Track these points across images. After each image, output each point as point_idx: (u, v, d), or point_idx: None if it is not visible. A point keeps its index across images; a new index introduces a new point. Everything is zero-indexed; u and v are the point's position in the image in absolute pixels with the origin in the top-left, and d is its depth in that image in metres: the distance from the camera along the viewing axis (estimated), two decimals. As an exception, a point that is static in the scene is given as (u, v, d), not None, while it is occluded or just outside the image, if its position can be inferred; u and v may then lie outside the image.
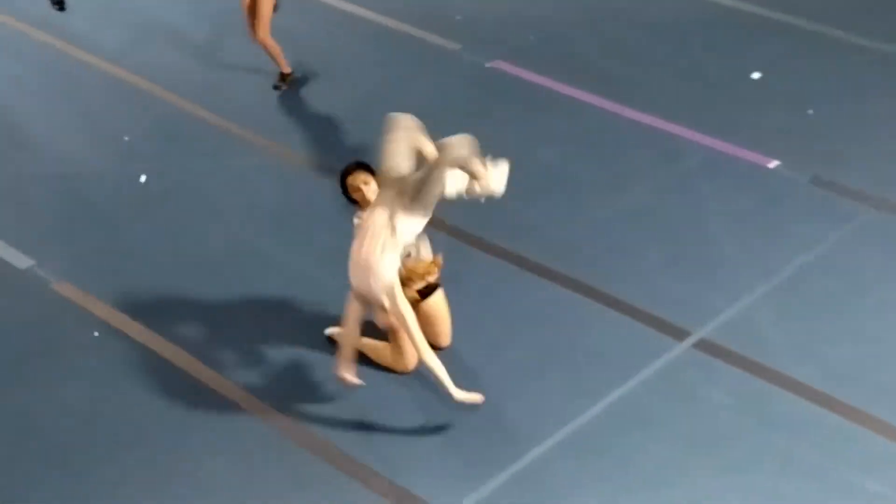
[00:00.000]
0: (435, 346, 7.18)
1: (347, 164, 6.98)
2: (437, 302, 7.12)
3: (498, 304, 7.64)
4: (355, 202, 6.94)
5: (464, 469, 6.50)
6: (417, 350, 6.52)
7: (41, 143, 9.46)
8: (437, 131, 7.17)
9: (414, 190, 6.41)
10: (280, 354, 7.28)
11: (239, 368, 7.17)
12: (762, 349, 7.25)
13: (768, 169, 9.01)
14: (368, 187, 6.83)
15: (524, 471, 6.48)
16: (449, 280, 7.16)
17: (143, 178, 8.95)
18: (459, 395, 6.55)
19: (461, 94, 10.04)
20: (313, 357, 7.26)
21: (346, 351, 6.73)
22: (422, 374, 7.09)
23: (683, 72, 10.40)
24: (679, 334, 7.38)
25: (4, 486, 6.42)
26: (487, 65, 10.48)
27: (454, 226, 7.14)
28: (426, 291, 7.06)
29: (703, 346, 7.30)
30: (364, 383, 6.80)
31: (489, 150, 8.30)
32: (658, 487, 6.38)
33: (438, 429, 6.75)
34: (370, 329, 7.23)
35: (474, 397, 6.63)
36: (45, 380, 7.14)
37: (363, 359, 7.12)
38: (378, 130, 6.86)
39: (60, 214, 8.63)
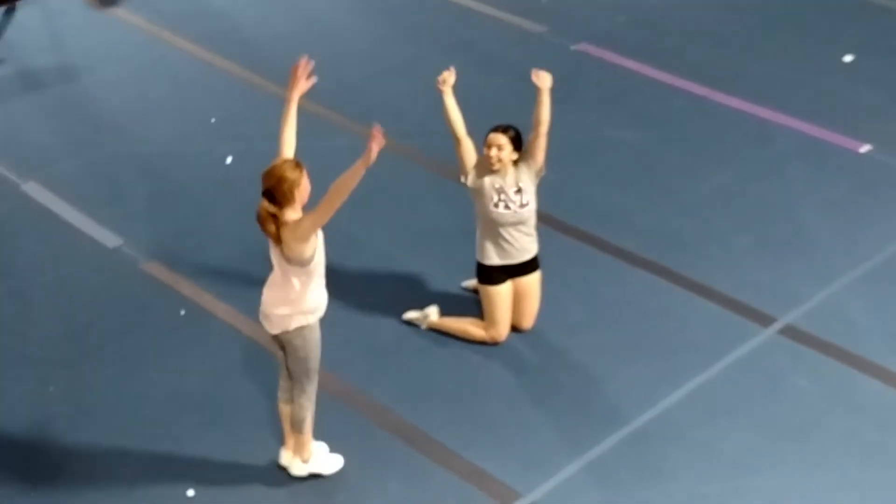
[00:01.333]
0: (517, 328, 7.18)
1: (501, 124, 6.92)
2: (533, 282, 7.12)
3: (582, 288, 7.59)
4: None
5: (544, 452, 6.47)
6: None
7: (131, 125, 9.60)
8: (520, 116, 7.14)
9: None
10: (362, 334, 7.32)
11: (323, 348, 7.21)
12: (851, 336, 7.12)
13: (860, 153, 8.84)
14: (501, 152, 6.82)
15: (604, 456, 6.44)
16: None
17: (229, 159, 9.04)
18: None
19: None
20: (396, 337, 7.28)
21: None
22: (506, 356, 7.09)
23: (774, 55, 10.24)
24: (765, 320, 7.27)
25: (94, 459, 6.54)
26: (573, 48, 10.40)
27: (540, 210, 7.11)
28: (525, 269, 7.06)
29: (790, 332, 7.18)
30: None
31: (571, 135, 8.29)
32: (740, 475, 6.29)
33: (520, 411, 6.74)
34: (453, 307, 7.25)
35: None
36: (133, 357, 7.25)
37: (459, 340, 7.20)
38: (463, 111, 6.88)
39: (149, 194, 8.75)
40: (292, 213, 5.87)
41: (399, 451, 6.53)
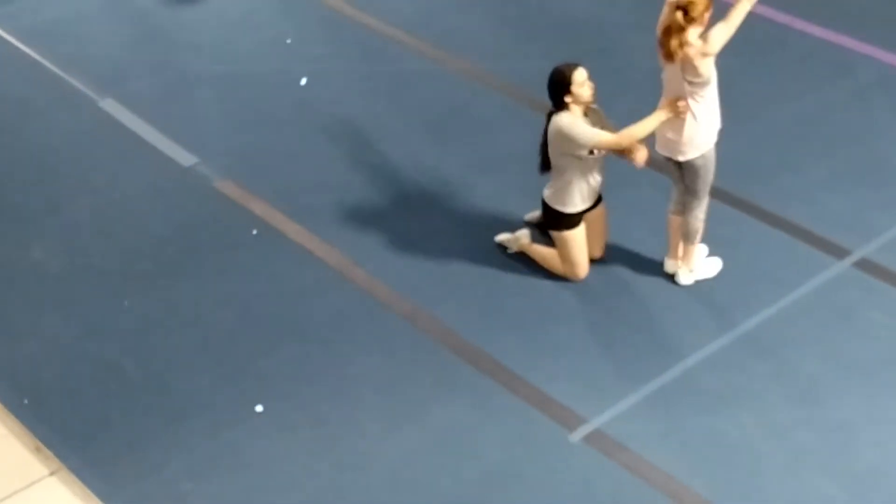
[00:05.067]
0: (589, 256, 7.15)
1: (571, 62, 6.78)
2: (600, 213, 7.09)
3: (653, 217, 7.50)
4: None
5: (610, 379, 6.48)
6: None
7: (207, 44, 9.63)
8: (592, 42, 7.06)
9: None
10: (433, 258, 7.34)
11: (392, 270, 7.26)
12: (927, 271, 7.02)
13: (945, 85, 8.63)
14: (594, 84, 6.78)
15: (671, 383, 6.43)
16: (605, 193, 7.10)
17: (303, 81, 9.05)
18: None
19: (621, 5, 9.83)
20: (466, 261, 7.30)
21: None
22: (574, 284, 7.09)
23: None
24: (839, 252, 7.17)
25: (165, 373, 6.67)
26: (652, -27, 10.22)
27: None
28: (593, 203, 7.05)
29: (865, 265, 7.08)
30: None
31: (643, 63, 8.15)
32: (809, 405, 6.26)
33: (587, 339, 6.74)
34: (541, 237, 7.27)
35: None
36: (206, 274, 7.35)
37: (531, 266, 7.19)
38: (539, 39, 6.78)
39: (224, 114, 8.80)
40: (695, 34, 6.42)
41: (465, 373, 6.57)
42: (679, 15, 6.42)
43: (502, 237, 7.36)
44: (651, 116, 6.66)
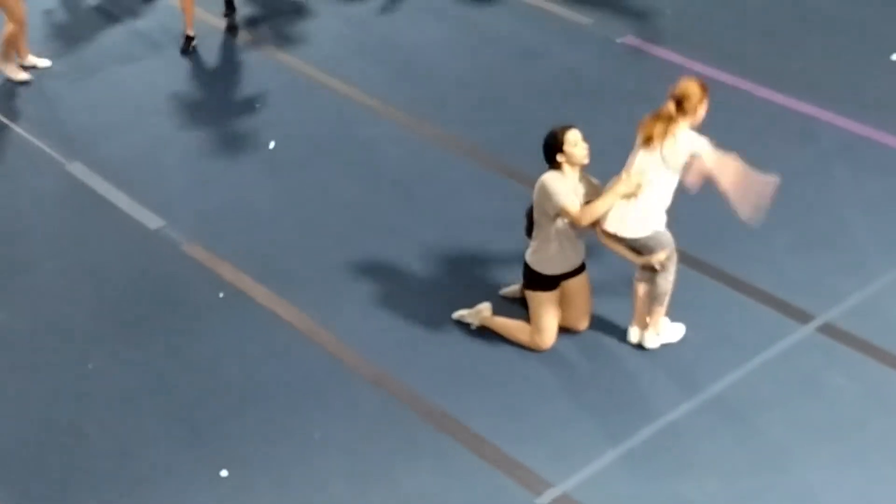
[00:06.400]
0: (574, 329, 7.16)
1: (564, 123, 6.85)
2: (583, 281, 7.08)
3: (618, 282, 7.56)
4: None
5: (576, 443, 6.48)
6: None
7: (174, 108, 9.66)
8: (563, 108, 7.14)
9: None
10: (400, 321, 7.34)
11: (358, 334, 7.26)
12: (889, 336, 7.07)
13: (905, 153, 8.76)
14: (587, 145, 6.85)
15: (637, 448, 6.44)
16: (569, 254, 7.14)
17: (271, 145, 9.09)
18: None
19: (590, 71, 9.95)
20: (433, 325, 7.30)
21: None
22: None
23: (821, 51, 10.15)
24: (803, 318, 7.23)
25: (129, 437, 6.61)
26: (619, 40, 10.36)
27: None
28: (576, 270, 7.04)
29: (828, 330, 7.14)
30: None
31: (614, 128, 8.25)
32: (775, 472, 6.27)
33: (553, 402, 6.75)
34: (503, 309, 7.26)
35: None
36: (172, 338, 7.32)
37: (495, 335, 7.19)
38: (505, 106, 6.85)
39: (191, 177, 8.81)
40: (684, 126, 6.56)
41: (431, 436, 6.55)
42: (671, 105, 6.46)
43: (461, 313, 7.30)
44: (609, 193, 6.67)
